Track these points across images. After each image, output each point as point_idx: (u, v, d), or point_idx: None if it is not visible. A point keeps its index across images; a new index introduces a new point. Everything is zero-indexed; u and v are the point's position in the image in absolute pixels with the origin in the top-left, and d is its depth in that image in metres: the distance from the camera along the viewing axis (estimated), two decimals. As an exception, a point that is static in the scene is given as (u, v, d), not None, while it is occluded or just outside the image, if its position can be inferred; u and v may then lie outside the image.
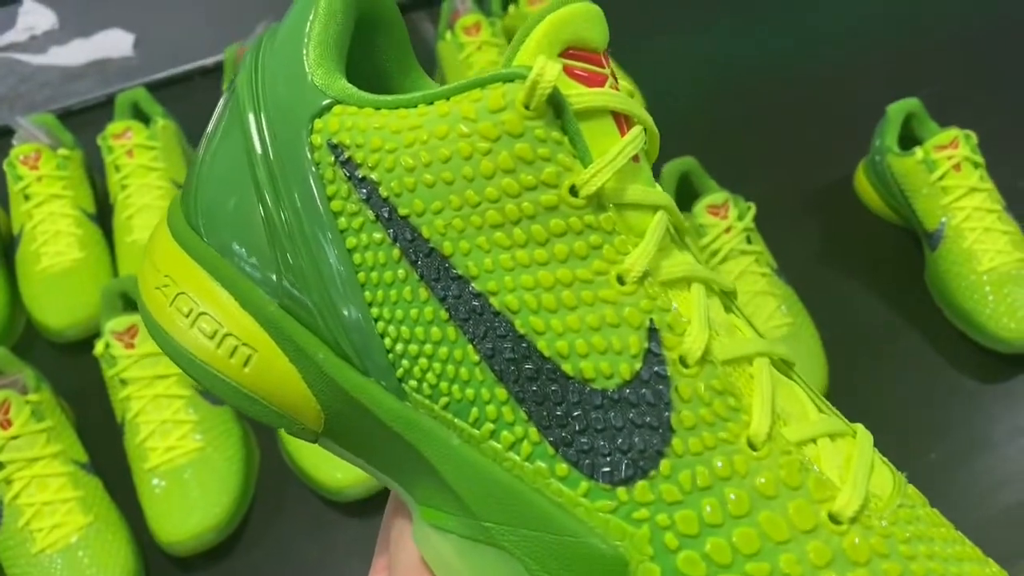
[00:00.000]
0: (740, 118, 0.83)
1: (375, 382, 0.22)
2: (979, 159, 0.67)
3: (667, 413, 0.20)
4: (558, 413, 0.21)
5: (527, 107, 0.20)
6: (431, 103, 0.21)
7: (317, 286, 0.22)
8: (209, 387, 0.23)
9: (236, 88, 0.24)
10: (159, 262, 0.25)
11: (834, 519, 0.20)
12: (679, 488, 0.20)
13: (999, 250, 0.65)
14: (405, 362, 0.22)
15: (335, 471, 0.59)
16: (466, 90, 0.21)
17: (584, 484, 0.20)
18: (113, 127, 0.76)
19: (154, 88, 0.85)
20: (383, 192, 0.22)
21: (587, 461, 0.21)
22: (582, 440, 0.21)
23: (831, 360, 0.63)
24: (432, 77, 0.86)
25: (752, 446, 0.20)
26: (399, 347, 0.22)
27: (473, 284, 0.21)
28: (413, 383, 0.22)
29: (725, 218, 0.65)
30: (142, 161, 0.74)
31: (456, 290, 0.21)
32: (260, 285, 0.23)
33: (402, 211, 0.22)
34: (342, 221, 0.22)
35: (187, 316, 0.23)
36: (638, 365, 0.21)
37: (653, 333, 0.21)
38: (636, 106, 0.22)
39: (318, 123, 0.22)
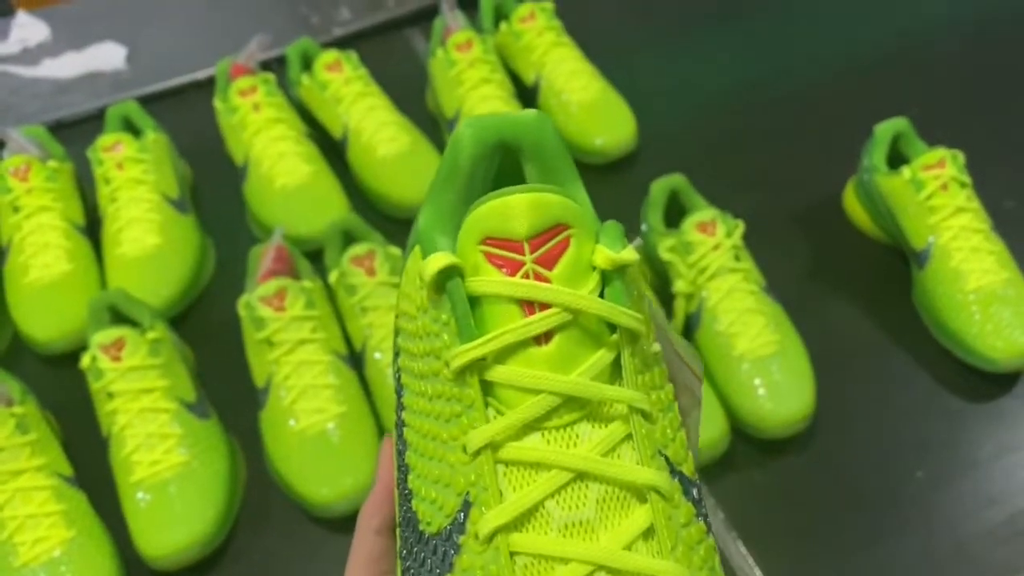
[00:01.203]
0: (730, 136, 0.84)
1: None
2: (966, 179, 0.68)
3: (447, 575, 0.23)
4: (406, 535, 0.25)
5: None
6: (406, 255, 0.27)
7: None
8: None
9: None
10: None
11: None
12: None
13: (986, 269, 0.65)
14: None
15: (321, 487, 0.59)
16: (410, 250, 0.26)
17: None
18: (103, 140, 0.76)
19: (146, 101, 0.85)
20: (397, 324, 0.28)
21: None
22: (410, 562, 0.25)
23: (819, 378, 0.63)
24: (424, 93, 0.87)
25: None
26: None
27: (403, 413, 0.26)
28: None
29: (713, 235, 0.65)
30: (132, 174, 0.74)
31: (400, 412, 0.27)
32: None
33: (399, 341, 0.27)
34: None
35: None
36: (447, 524, 0.24)
37: (467, 504, 0.23)
38: (547, 292, 0.23)
39: None
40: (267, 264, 0.66)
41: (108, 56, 0.95)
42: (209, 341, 0.70)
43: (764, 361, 0.62)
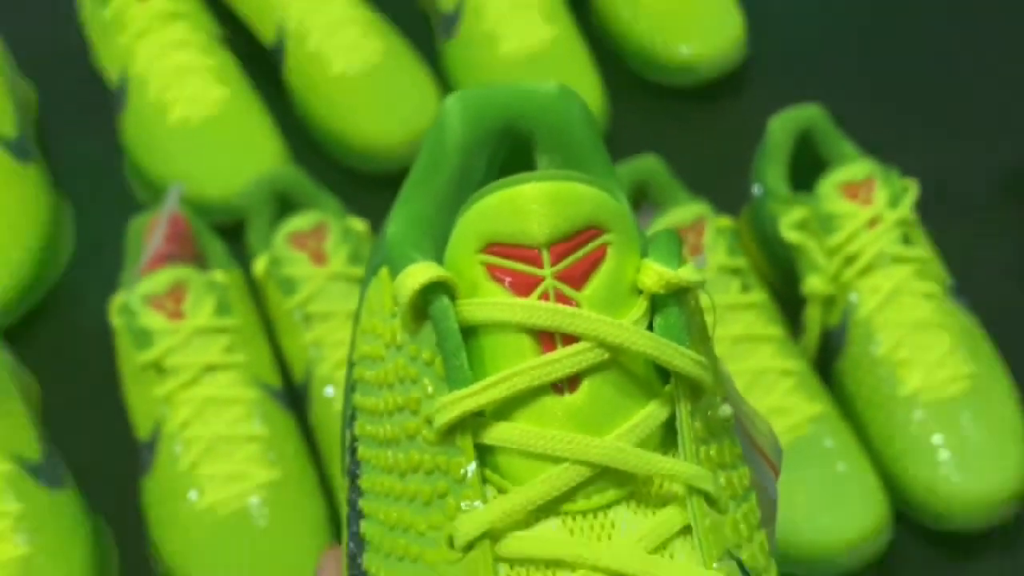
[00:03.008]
0: (892, 49, 0.85)
1: None
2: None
3: None
4: None
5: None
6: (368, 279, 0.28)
7: None
8: None
9: None
10: None
11: None
12: None
13: None
14: None
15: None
16: (374, 271, 0.27)
17: None
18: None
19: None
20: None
21: None
22: None
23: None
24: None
25: None
26: None
27: (360, 501, 0.27)
28: None
29: (869, 203, 0.65)
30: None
31: (354, 501, 0.28)
32: None
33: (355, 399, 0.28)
34: None
35: None
36: None
37: None
38: (574, 320, 0.23)
39: None
40: (157, 244, 0.66)
41: None
42: (63, 367, 0.71)
43: (949, 406, 0.62)
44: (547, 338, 0.24)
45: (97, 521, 0.64)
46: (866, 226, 0.64)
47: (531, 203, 0.24)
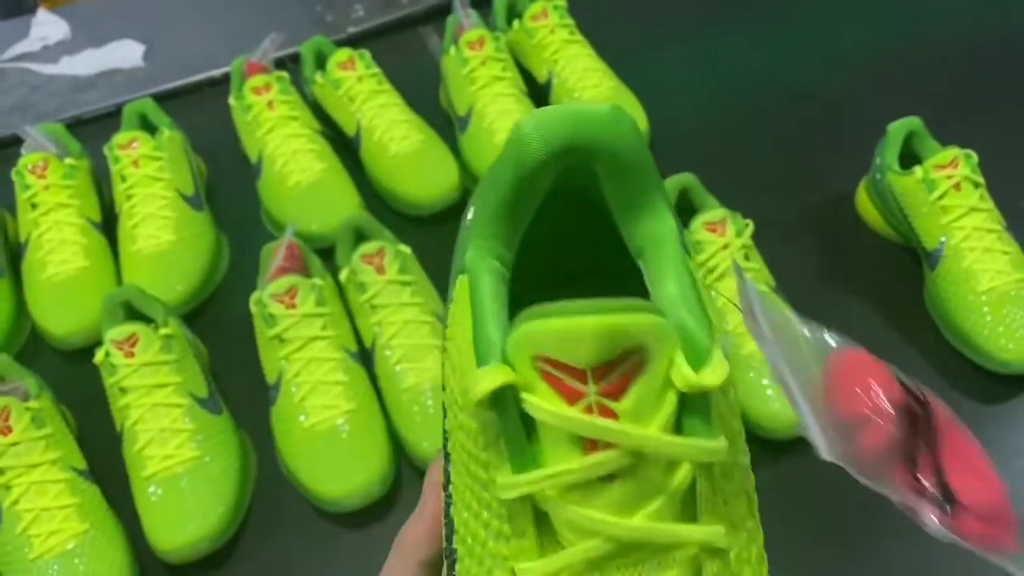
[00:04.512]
0: (742, 135, 0.83)
1: None
2: (979, 179, 0.67)
3: None
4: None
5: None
6: (453, 282, 0.24)
7: None
8: None
9: None
10: None
11: None
12: None
13: (998, 270, 0.64)
14: None
15: (330, 482, 0.59)
16: (455, 277, 0.23)
17: None
18: (119, 137, 0.76)
19: (162, 99, 0.86)
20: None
21: None
22: None
23: (828, 379, 0.62)
24: (437, 91, 0.86)
25: None
26: None
27: (450, 466, 0.23)
28: None
29: (723, 235, 0.65)
30: (147, 171, 0.74)
31: (447, 460, 0.24)
32: None
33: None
34: None
35: None
36: None
37: None
38: (611, 433, 0.20)
39: None
40: (279, 261, 0.66)
41: (125, 54, 0.95)
42: (221, 337, 0.70)
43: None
44: (591, 441, 0.20)
45: (243, 435, 0.64)
46: (721, 249, 0.64)
47: (581, 337, 0.19)
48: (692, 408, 0.20)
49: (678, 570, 0.21)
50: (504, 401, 0.20)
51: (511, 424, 0.20)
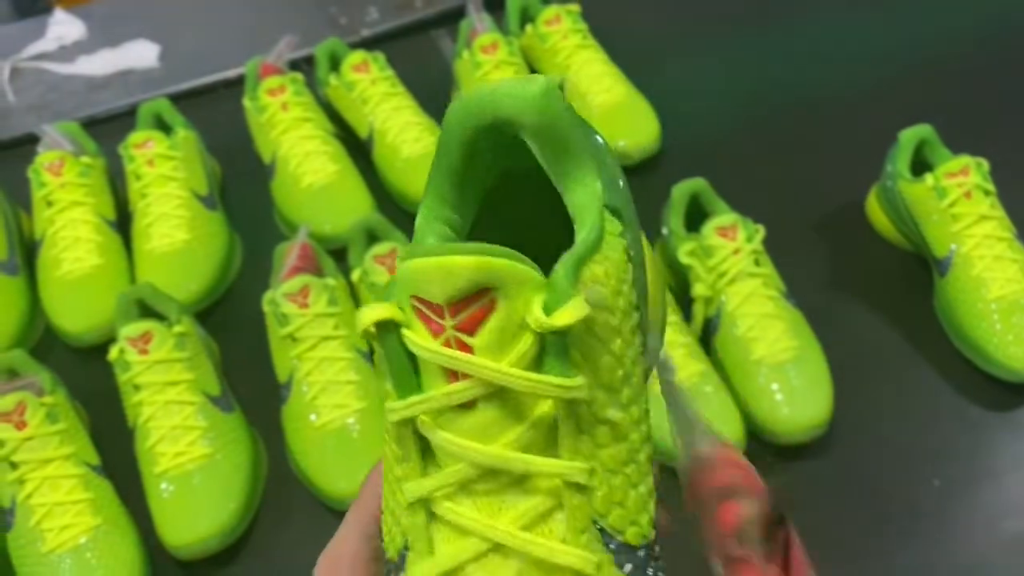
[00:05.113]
0: (754, 141, 0.83)
1: None
2: (990, 187, 0.67)
3: None
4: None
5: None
6: None
7: None
8: None
9: None
10: None
11: None
12: None
13: (1008, 278, 0.65)
14: None
15: (340, 481, 0.60)
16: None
17: None
18: (134, 137, 0.77)
19: (177, 99, 0.86)
20: None
21: None
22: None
23: (838, 385, 0.63)
24: (450, 95, 0.87)
25: None
26: None
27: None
28: None
29: (734, 240, 0.65)
30: (162, 171, 0.75)
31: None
32: None
33: None
34: None
35: None
36: (395, 558, 0.24)
37: (406, 547, 0.23)
38: (466, 364, 0.21)
39: None
40: (292, 261, 0.66)
41: (141, 54, 0.96)
42: (234, 336, 0.70)
43: (782, 366, 0.62)
44: (452, 371, 0.22)
45: (254, 433, 0.64)
46: (732, 254, 0.64)
47: (428, 274, 0.21)
48: (550, 348, 0.21)
49: (541, 498, 0.22)
50: (388, 335, 0.22)
51: (396, 356, 0.22)
